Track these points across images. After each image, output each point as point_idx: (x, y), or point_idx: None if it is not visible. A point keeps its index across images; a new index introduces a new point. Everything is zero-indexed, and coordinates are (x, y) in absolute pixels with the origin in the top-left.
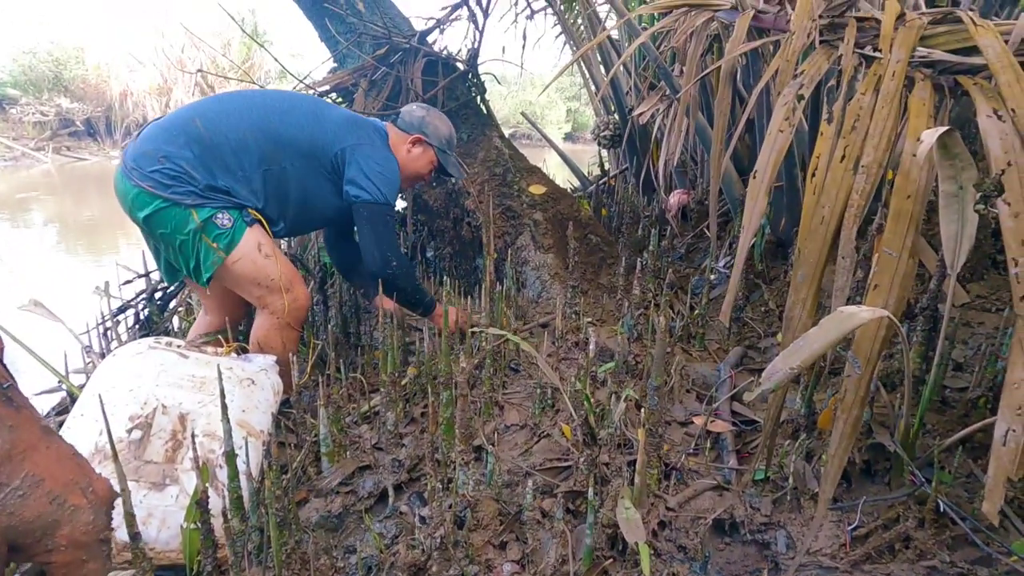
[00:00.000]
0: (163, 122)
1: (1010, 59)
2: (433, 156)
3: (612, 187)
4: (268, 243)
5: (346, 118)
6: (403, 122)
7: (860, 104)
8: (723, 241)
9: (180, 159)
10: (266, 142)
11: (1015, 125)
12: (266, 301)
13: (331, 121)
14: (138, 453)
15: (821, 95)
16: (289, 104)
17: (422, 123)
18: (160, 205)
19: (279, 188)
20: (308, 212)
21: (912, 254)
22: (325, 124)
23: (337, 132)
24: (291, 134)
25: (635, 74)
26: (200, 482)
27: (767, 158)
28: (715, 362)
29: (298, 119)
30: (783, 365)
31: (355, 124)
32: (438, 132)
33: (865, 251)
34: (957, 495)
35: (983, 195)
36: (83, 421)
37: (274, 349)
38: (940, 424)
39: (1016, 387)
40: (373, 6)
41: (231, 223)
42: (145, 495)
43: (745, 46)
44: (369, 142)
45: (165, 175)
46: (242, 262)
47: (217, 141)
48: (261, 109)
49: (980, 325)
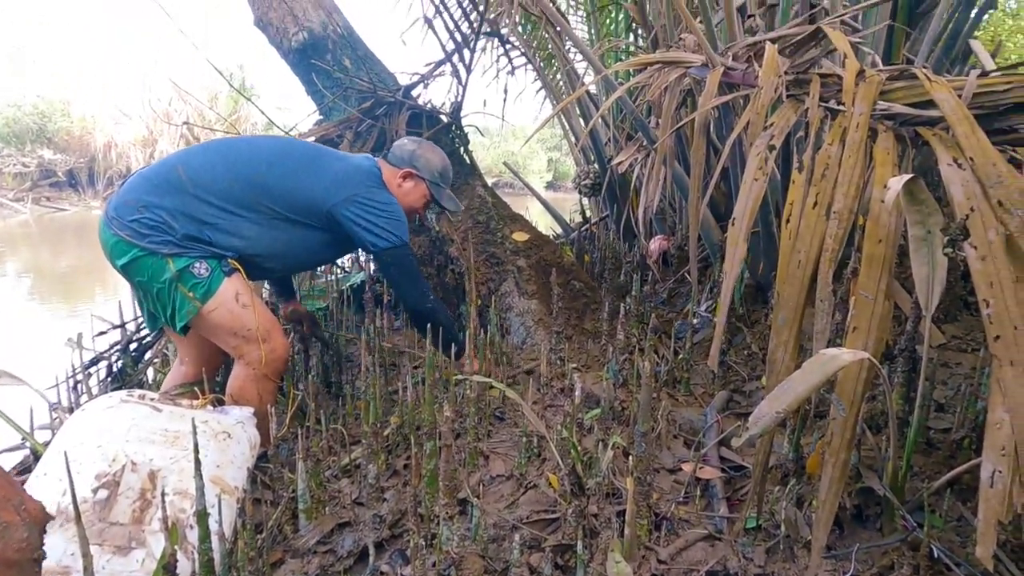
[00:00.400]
0: (147, 171)
1: (964, 112)
2: (425, 190)
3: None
4: (247, 293)
5: (342, 170)
6: (393, 156)
7: (828, 154)
8: (704, 285)
9: (160, 208)
10: (252, 191)
11: (974, 173)
12: (242, 351)
13: (326, 174)
14: (103, 514)
15: (791, 145)
16: (279, 153)
17: (412, 156)
18: (137, 254)
19: (272, 230)
20: (303, 256)
21: (887, 296)
22: (319, 176)
23: (329, 188)
24: (280, 185)
25: (613, 126)
26: (168, 544)
27: (744, 205)
28: (701, 406)
29: (286, 171)
30: (769, 409)
31: (349, 176)
32: (430, 165)
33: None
34: (950, 540)
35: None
36: (46, 480)
37: (250, 401)
38: (927, 466)
39: (998, 427)
40: (359, 62)
41: (208, 272)
42: (108, 560)
43: (716, 100)
44: (364, 191)
45: (143, 224)
46: (218, 311)
47: (200, 190)
48: (247, 158)
49: (958, 365)
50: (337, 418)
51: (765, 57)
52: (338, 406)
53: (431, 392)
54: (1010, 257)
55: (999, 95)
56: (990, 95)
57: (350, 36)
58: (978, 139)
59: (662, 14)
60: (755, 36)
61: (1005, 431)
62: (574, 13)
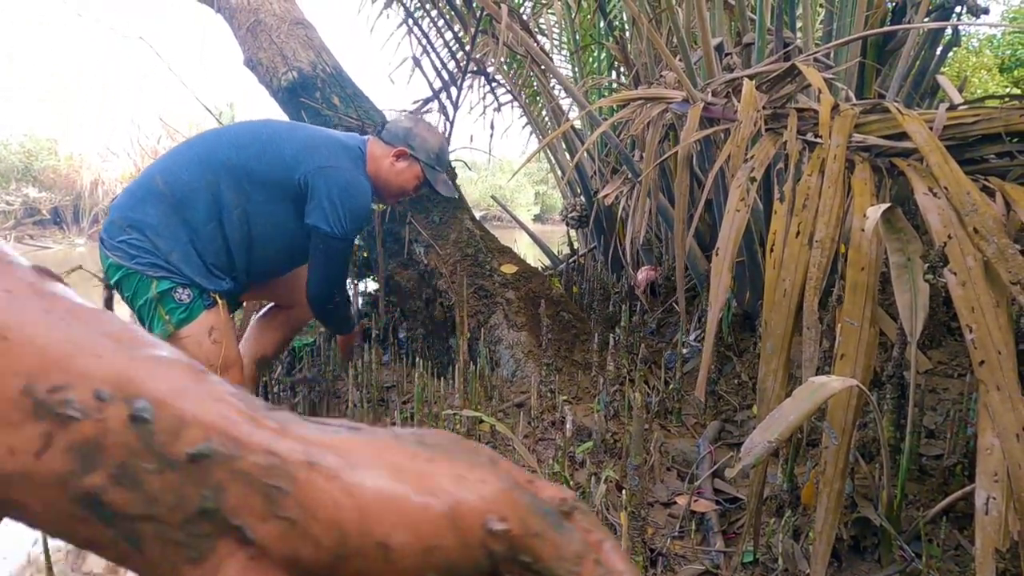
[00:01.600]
0: (131, 185)
1: (936, 143)
2: (419, 171)
3: (582, 265)
4: (221, 328)
5: (306, 138)
6: (388, 133)
7: (808, 184)
8: (692, 315)
9: (144, 227)
10: (228, 179)
11: (949, 201)
12: None
13: (291, 144)
14: (76, 564)
15: (772, 177)
16: (248, 136)
17: (407, 135)
18: (126, 272)
19: (255, 218)
20: (285, 251)
21: (872, 323)
22: (281, 150)
23: (297, 156)
24: (251, 167)
25: (598, 159)
26: None
27: (727, 236)
28: (693, 437)
29: (255, 151)
30: (761, 438)
31: (317, 144)
32: (425, 145)
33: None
34: (948, 570)
35: (930, 266)
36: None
37: None
38: (921, 494)
39: (989, 453)
40: (348, 100)
41: (189, 299)
42: None
43: (698, 134)
44: (335, 163)
45: (131, 246)
46: (188, 340)
47: (179, 196)
48: (214, 146)
49: (945, 391)
50: None
51: (743, 93)
52: None
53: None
54: (989, 282)
55: (968, 127)
56: (959, 127)
57: (339, 75)
58: (951, 169)
59: (643, 52)
60: (733, 73)
61: (996, 456)
62: (558, 52)
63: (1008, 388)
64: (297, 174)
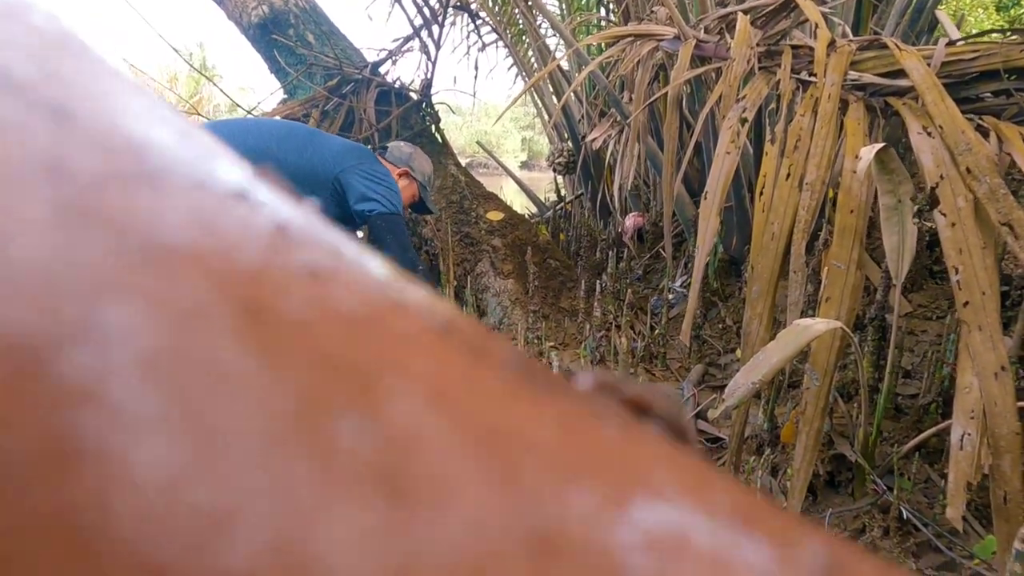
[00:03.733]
0: None
1: (933, 80)
2: (416, 191)
3: (569, 212)
4: None
5: (342, 143)
6: (391, 156)
7: (800, 125)
8: (679, 261)
9: None
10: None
11: (943, 140)
12: None
13: (328, 147)
14: None
15: (763, 118)
16: (286, 131)
17: (409, 158)
18: None
19: None
20: None
21: (859, 266)
22: (323, 149)
23: (335, 156)
24: (290, 160)
25: (586, 102)
26: None
27: (716, 179)
28: (677, 381)
29: (296, 144)
30: (744, 380)
31: (352, 148)
32: (422, 168)
33: (814, 266)
34: (918, 501)
35: (919, 208)
36: None
37: None
38: (896, 431)
39: (967, 391)
40: (323, 38)
41: None
42: None
43: (689, 73)
44: (368, 163)
45: None
46: None
47: None
48: (256, 134)
49: (923, 333)
50: None
51: (737, 29)
52: None
53: None
54: (978, 223)
55: (967, 63)
56: (958, 64)
57: (313, 10)
58: (947, 107)
59: None
60: (726, 8)
61: (974, 395)
62: None
63: (990, 328)
64: (334, 172)
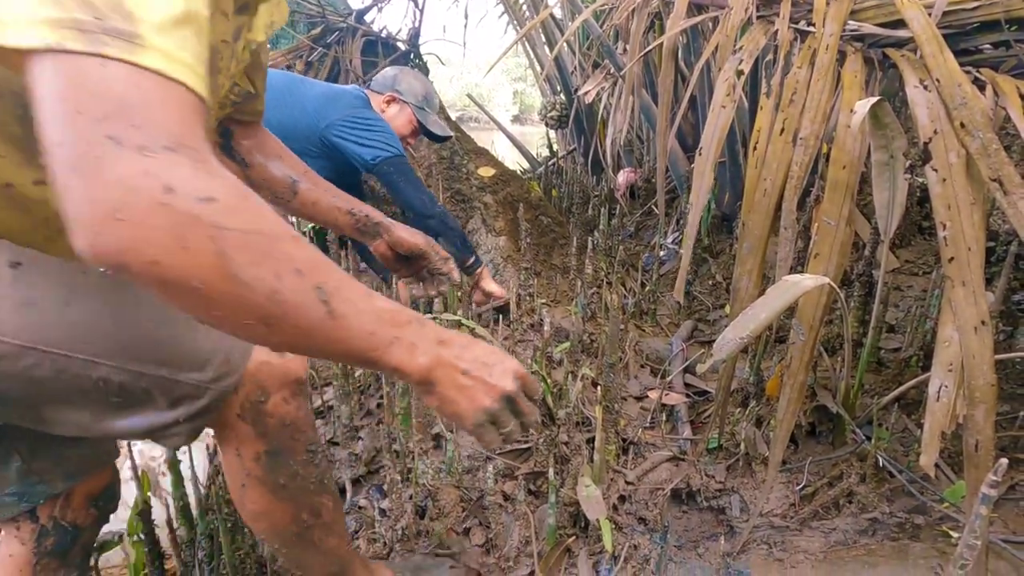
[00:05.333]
0: None
1: (934, 31)
2: (411, 114)
3: (561, 168)
4: None
5: (321, 92)
6: (376, 83)
7: (797, 77)
8: (671, 218)
9: None
10: None
11: (940, 94)
12: None
13: (308, 98)
14: None
15: (759, 72)
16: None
17: (394, 80)
18: None
19: None
20: None
21: (849, 222)
22: (303, 101)
23: (317, 110)
24: (270, 118)
25: (579, 53)
26: (140, 493)
27: (712, 134)
28: (667, 336)
29: (273, 99)
30: (733, 336)
31: (334, 96)
32: (412, 89)
33: (804, 222)
34: (894, 450)
35: (911, 164)
36: None
37: None
38: (877, 384)
39: (947, 345)
40: None
41: None
42: None
43: (686, 22)
44: (351, 111)
45: None
46: None
47: None
48: None
49: (909, 288)
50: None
51: None
52: None
53: None
54: (969, 179)
55: (968, 12)
56: (958, 13)
57: None
58: (945, 59)
59: None
60: None
61: (953, 348)
62: None
63: (973, 284)
64: (320, 126)
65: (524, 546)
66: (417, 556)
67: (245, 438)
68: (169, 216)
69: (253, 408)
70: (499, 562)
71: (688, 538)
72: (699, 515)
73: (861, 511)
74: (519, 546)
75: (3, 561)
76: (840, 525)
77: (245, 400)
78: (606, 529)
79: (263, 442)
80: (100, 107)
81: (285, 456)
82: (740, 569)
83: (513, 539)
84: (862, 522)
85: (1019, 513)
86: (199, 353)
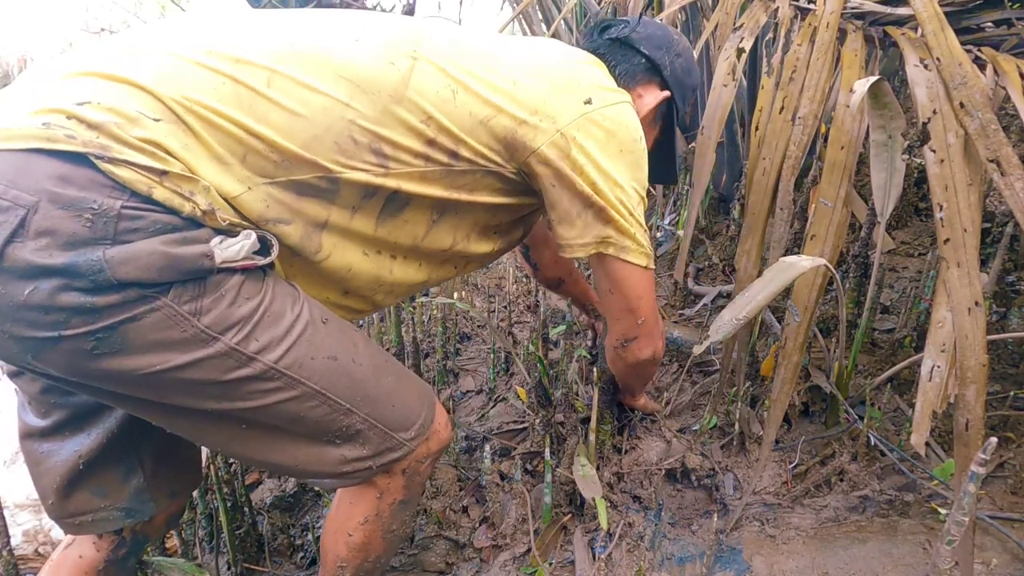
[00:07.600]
0: None
1: (936, 8)
2: None
3: None
4: None
5: None
6: None
7: (797, 56)
8: (668, 199)
9: None
10: None
11: (940, 74)
12: None
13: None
14: None
15: (759, 51)
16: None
17: None
18: None
19: None
20: None
21: (846, 203)
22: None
23: None
24: None
25: (577, 31)
26: None
27: (713, 113)
28: (664, 318)
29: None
30: (729, 317)
31: None
32: None
33: (802, 203)
34: (886, 429)
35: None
36: None
37: None
38: (870, 364)
39: (940, 326)
40: None
41: None
42: None
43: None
44: None
45: None
46: None
47: None
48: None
49: (904, 270)
50: None
51: None
52: None
53: (396, 313)
54: (967, 160)
55: None
56: None
57: None
58: (946, 38)
59: None
60: None
61: (946, 329)
62: None
63: (968, 265)
64: None
65: (521, 524)
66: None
67: (394, 488)
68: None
69: (414, 466)
70: (496, 539)
71: (682, 516)
72: (693, 493)
73: (852, 489)
74: (516, 524)
75: (72, 562)
76: (831, 502)
77: (414, 459)
78: (601, 507)
79: (404, 493)
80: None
81: (409, 507)
82: (733, 545)
83: (510, 517)
84: (853, 499)
85: (1007, 490)
86: (410, 416)
